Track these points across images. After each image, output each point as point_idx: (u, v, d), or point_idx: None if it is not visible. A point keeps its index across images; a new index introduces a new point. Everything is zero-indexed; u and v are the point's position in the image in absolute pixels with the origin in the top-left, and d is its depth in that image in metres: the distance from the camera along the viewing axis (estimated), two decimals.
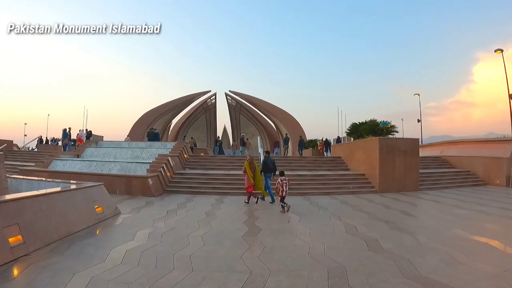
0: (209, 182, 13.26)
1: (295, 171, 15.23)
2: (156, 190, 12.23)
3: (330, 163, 16.89)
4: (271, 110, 48.79)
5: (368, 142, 14.68)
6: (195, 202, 10.57)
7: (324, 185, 13.16)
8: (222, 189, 12.61)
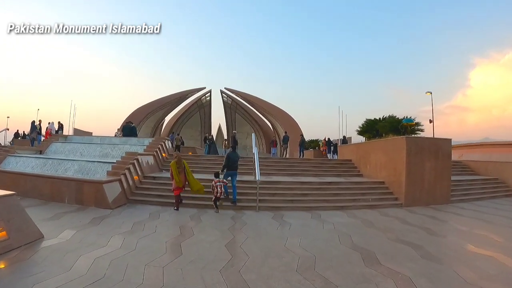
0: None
1: (298, 177, 12.10)
2: (115, 199, 9.00)
3: (338, 168, 13.77)
4: (268, 109, 45.71)
5: (391, 142, 11.56)
6: (161, 220, 7.38)
7: (335, 197, 10.01)
8: (202, 200, 9.41)
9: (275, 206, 8.87)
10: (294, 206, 8.95)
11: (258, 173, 8.58)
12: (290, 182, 10.32)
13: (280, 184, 10.24)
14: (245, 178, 10.96)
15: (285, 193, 9.63)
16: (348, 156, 15.00)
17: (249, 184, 10.15)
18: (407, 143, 10.81)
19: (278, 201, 9.21)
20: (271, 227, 7.02)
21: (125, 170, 10.23)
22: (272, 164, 13.16)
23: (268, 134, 51.10)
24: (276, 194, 9.54)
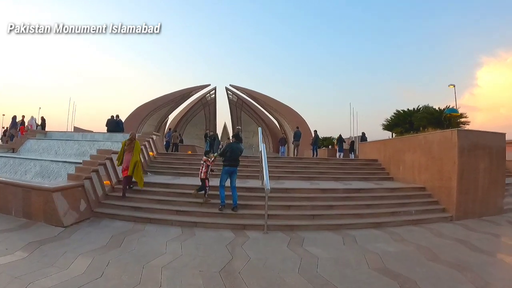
0: (170, 201, 7.49)
1: (316, 181, 9.47)
2: (72, 213, 6.55)
3: (362, 169, 11.10)
4: (275, 106, 43.07)
5: (435, 137, 8.86)
6: (122, 250, 4.86)
7: (369, 209, 7.37)
8: (190, 214, 6.89)
9: (290, 224, 6.28)
10: (316, 225, 6.34)
11: (267, 179, 5.99)
12: (308, 190, 7.71)
13: (295, 192, 7.63)
14: (249, 184, 8.41)
15: (303, 205, 7.03)
16: (372, 155, 12.32)
17: (255, 192, 7.58)
18: (460, 138, 8.15)
19: (295, 217, 6.62)
20: (287, 265, 4.42)
21: (91, 173, 7.73)
22: (283, 165, 10.59)
23: (275, 133, 48.53)
24: (291, 208, 6.95)
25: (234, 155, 6.97)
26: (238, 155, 7.07)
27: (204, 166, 7.29)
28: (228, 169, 6.90)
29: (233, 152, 6.97)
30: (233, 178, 6.93)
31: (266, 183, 5.85)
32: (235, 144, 7.18)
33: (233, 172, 6.94)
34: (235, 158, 6.97)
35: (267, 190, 5.75)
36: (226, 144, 7.47)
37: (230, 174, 6.92)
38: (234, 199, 6.81)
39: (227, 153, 6.97)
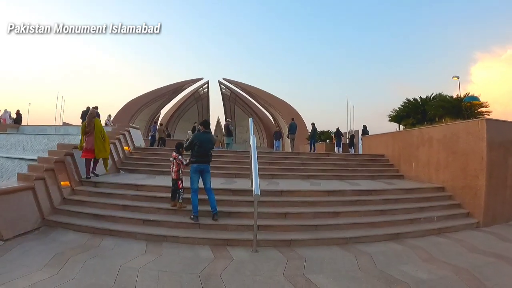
0: (138, 207, 5.98)
1: (316, 180, 7.99)
2: (16, 222, 5.09)
3: (368, 166, 9.66)
4: (269, 100, 41.60)
5: (457, 128, 7.45)
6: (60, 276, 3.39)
7: (383, 216, 5.93)
8: (160, 224, 5.41)
9: (287, 239, 4.80)
10: (320, 239, 4.88)
11: (256, 181, 4.48)
12: (309, 192, 6.22)
13: (293, 195, 6.13)
14: (237, 184, 6.92)
15: (303, 213, 5.53)
16: (377, 150, 10.89)
17: (243, 195, 6.06)
18: (489, 129, 6.76)
19: (293, 228, 5.13)
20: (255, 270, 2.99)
21: (44, 173, 6.20)
22: (277, 162, 9.11)
23: (269, 127, 47.10)
24: (288, 216, 5.45)
25: (203, 149, 5.45)
26: (209, 149, 5.56)
27: (174, 164, 5.82)
28: (198, 167, 5.40)
29: (202, 145, 5.45)
30: (207, 178, 5.45)
31: (255, 186, 4.37)
32: (205, 135, 5.61)
33: (204, 170, 5.43)
34: (205, 153, 5.46)
35: (256, 195, 4.26)
36: (193, 135, 5.89)
37: (202, 173, 5.43)
38: (212, 204, 5.32)
39: (194, 147, 5.47)
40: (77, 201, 6.40)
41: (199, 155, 5.39)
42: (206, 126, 5.72)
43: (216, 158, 9.37)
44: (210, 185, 5.42)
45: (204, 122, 5.78)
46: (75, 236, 5.26)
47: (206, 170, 5.42)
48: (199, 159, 5.39)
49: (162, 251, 4.63)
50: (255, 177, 4.61)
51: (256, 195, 4.22)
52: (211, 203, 5.32)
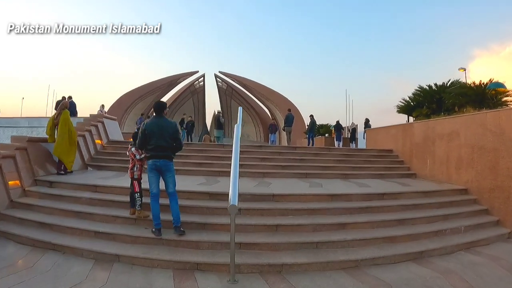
0: (92, 214, 4.70)
1: (316, 178, 6.67)
2: None
3: (375, 163, 8.36)
4: (266, 94, 40.17)
5: (485, 119, 6.14)
6: None
7: (402, 227, 4.62)
8: (114, 238, 4.13)
9: (277, 263, 3.49)
10: (322, 262, 3.59)
11: (234, 188, 3.08)
12: (307, 196, 4.86)
13: (287, 200, 4.78)
14: (218, 186, 5.57)
15: (299, 225, 4.17)
16: (384, 144, 9.58)
17: (224, 200, 4.66)
18: None
19: (285, 246, 3.80)
20: None
21: None
22: (271, 157, 7.78)
23: (266, 121, 45.69)
24: (280, 228, 4.11)
25: (159, 139, 4.04)
26: (167, 138, 4.09)
27: (131, 156, 4.51)
28: (153, 164, 4.05)
29: (155, 134, 4.05)
30: (168, 179, 4.10)
31: (232, 194, 3.04)
32: (158, 121, 4.15)
33: (162, 168, 4.07)
34: (161, 145, 4.05)
35: (231, 207, 2.93)
36: (143, 122, 4.41)
37: (161, 173, 4.10)
38: (173, 214, 4.00)
39: (147, 138, 4.09)
40: (25, 205, 5.18)
41: (153, 148, 4.05)
42: (158, 109, 4.26)
43: (197, 152, 8.08)
44: (173, 188, 4.08)
45: (156, 105, 4.34)
46: (15, 249, 4.15)
47: (166, 168, 4.07)
48: (153, 153, 4.05)
49: (108, 278, 3.38)
50: (233, 180, 3.31)
51: (232, 206, 2.90)
52: (172, 212, 4.00)
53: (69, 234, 4.36)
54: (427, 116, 8.41)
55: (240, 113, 7.30)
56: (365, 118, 14.63)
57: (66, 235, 4.36)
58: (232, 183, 3.19)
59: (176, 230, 3.94)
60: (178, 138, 4.21)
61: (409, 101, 9.62)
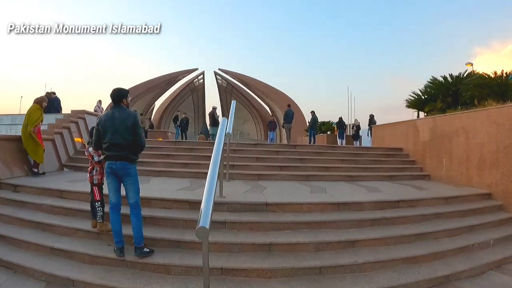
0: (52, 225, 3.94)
1: (319, 181, 5.82)
2: None
3: (383, 162, 7.48)
4: (266, 91, 39.35)
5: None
6: None
7: (418, 242, 3.80)
8: (72, 256, 3.33)
9: None
10: None
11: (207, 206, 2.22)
12: (309, 206, 3.90)
13: (284, 210, 3.89)
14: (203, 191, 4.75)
15: (298, 244, 3.29)
16: (393, 142, 8.71)
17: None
18: None
19: (280, 272, 2.91)
20: None
21: None
22: (267, 157, 6.91)
23: (267, 119, 44.89)
24: (274, 249, 3.25)
25: (113, 135, 3.18)
26: (123, 133, 3.19)
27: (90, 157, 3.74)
28: (109, 167, 3.21)
29: (109, 129, 3.20)
30: (128, 186, 3.24)
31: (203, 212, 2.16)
32: (113, 112, 3.28)
33: (118, 172, 3.20)
34: (116, 143, 3.18)
35: (200, 230, 2.06)
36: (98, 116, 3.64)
37: (120, 177, 3.25)
38: (134, 231, 3.18)
39: (101, 134, 3.26)
40: None
41: (107, 147, 3.20)
42: (115, 98, 3.33)
43: (184, 151, 7.21)
44: (135, 198, 3.23)
45: (113, 93, 3.36)
46: None
47: (124, 173, 3.20)
48: (107, 153, 3.22)
49: None
50: (208, 192, 2.45)
51: (202, 229, 2.04)
52: (132, 229, 3.17)
53: (24, 249, 3.64)
54: (441, 110, 7.53)
55: (232, 107, 6.46)
56: (370, 114, 13.75)
57: (21, 250, 3.64)
58: (206, 196, 2.34)
59: (137, 252, 3.11)
60: (138, 133, 3.24)
61: (420, 94, 8.74)
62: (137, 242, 3.13)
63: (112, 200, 3.27)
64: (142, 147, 3.34)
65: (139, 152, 3.35)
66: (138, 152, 3.33)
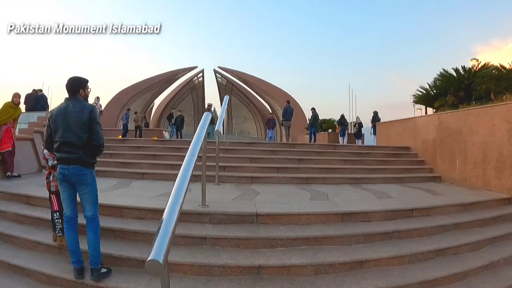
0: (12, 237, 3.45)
1: (320, 184, 5.21)
2: None
3: (390, 162, 6.86)
4: (266, 89, 38.70)
5: None
6: None
7: (437, 259, 3.20)
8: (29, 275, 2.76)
9: None
10: None
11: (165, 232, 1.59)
12: (308, 217, 3.33)
13: (279, 222, 3.27)
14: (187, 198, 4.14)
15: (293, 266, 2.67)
16: (399, 141, 8.09)
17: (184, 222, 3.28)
18: None
19: None
20: None
21: None
22: (263, 157, 6.28)
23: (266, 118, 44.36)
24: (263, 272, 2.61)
25: (64, 132, 2.61)
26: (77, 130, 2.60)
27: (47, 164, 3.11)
28: (61, 173, 2.63)
29: (59, 125, 2.63)
30: (83, 195, 2.67)
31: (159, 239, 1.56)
32: (68, 105, 2.67)
33: (72, 179, 2.62)
34: (67, 141, 2.59)
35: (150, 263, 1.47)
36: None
37: (73, 185, 2.66)
38: (90, 249, 2.61)
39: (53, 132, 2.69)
40: None
41: (57, 148, 2.63)
42: (70, 88, 2.74)
43: (172, 151, 6.61)
44: (92, 211, 2.66)
45: (68, 82, 2.75)
46: None
47: (78, 180, 2.61)
48: (58, 155, 2.65)
49: None
50: (172, 203, 1.87)
51: (152, 263, 1.45)
52: (88, 247, 2.60)
53: None
54: (453, 106, 6.91)
55: (225, 102, 5.89)
56: (374, 111, 13.07)
57: None
58: (167, 216, 1.73)
59: (93, 275, 2.53)
60: (95, 131, 2.65)
61: (428, 89, 8.11)
62: (94, 263, 2.55)
63: (67, 213, 2.71)
64: (100, 148, 2.74)
65: (97, 154, 2.76)
66: (95, 154, 2.75)
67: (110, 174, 5.57)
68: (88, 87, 2.95)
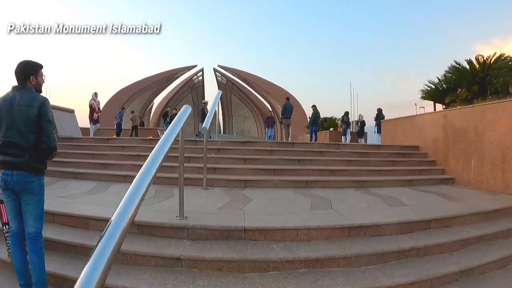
0: None
1: (322, 188, 4.65)
2: None
3: (397, 163, 6.28)
4: (266, 88, 38.24)
5: None
6: None
7: (462, 282, 2.65)
8: None
9: None
10: None
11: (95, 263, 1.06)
12: (307, 232, 2.76)
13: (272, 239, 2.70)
14: (164, 205, 3.57)
15: None
16: (406, 139, 7.52)
17: (158, 236, 2.74)
18: None
19: None
20: None
21: None
22: (257, 157, 5.70)
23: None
24: None
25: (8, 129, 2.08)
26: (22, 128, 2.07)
27: None
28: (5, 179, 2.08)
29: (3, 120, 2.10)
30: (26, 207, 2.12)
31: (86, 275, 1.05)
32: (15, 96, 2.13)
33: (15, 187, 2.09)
34: (11, 141, 2.07)
35: None
36: None
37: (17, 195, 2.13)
38: (34, 273, 2.08)
39: None
40: None
41: (1, 150, 2.11)
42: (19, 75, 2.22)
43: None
44: (35, 227, 2.14)
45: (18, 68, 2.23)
46: None
47: (25, 188, 2.11)
48: (2, 157, 2.11)
49: None
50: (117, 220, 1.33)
51: None
52: (32, 270, 2.09)
53: None
54: (467, 101, 6.33)
55: (217, 97, 5.33)
56: (377, 108, 12.49)
57: None
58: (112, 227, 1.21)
59: None
60: (45, 130, 2.13)
61: (438, 83, 7.53)
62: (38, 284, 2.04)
63: (13, 227, 2.20)
64: (52, 152, 2.21)
65: (47, 157, 2.24)
66: (45, 158, 2.22)
67: (89, 176, 5.03)
68: (41, 74, 2.41)
